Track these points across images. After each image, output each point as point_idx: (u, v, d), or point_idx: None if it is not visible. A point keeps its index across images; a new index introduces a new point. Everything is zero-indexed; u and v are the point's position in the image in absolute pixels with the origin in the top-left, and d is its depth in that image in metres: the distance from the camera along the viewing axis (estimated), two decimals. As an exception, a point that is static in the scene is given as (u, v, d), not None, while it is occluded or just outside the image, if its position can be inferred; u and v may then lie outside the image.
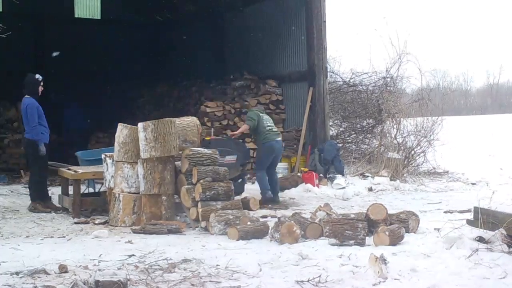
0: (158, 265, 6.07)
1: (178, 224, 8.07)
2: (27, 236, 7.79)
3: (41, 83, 9.92)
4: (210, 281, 5.53)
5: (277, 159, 10.91)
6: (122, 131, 8.79)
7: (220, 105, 14.13)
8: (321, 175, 12.69)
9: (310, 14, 13.65)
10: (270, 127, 10.61)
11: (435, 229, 7.59)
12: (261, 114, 10.70)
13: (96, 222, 8.65)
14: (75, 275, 5.65)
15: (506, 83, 77.31)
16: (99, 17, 11.27)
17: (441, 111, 15.53)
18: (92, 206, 9.44)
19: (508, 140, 23.64)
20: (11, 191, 11.72)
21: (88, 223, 8.60)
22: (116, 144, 8.82)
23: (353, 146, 15.61)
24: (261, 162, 10.59)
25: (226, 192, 8.40)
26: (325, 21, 13.68)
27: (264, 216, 8.98)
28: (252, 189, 11.85)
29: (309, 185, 12.06)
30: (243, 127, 10.75)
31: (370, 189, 12.00)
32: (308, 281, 5.48)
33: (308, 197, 11.35)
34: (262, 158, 10.58)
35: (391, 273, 5.63)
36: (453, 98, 53.05)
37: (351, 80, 16.03)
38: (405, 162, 13.89)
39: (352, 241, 6.89)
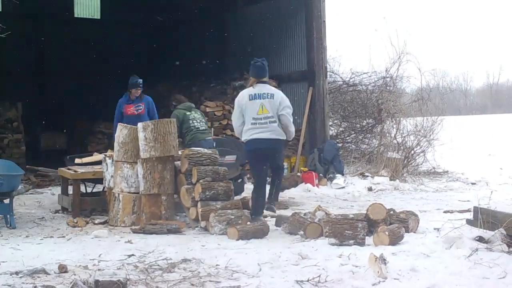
0: (158, 265, 6.07)
1: (177, 224, 8.07)
2: (26, 236, 7.78)
3: (137, 88, 10.79)
4: (209, 281, 5.53)
5: None
6: (121, 131, 8.79)
7: (220, 105, 14.12)
8: (320, 175, 12.69)
9: (310, 14, 13.65)
10: (197, 126, 10.05)
11: (434, 229, 7.59)
12: (187, 113, 10.09)
13: (96, 222, 8.65)
14: (75, 275, 5.65)
15: (505, 83, 77.41)
16: (99, 17, 11.28)
17: (440, 111, 15.50)
18: (92, 206, 9.43)
19: (507, 140, 23.65)
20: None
21: (78, 226, 8.48)
22: (115, 144, 8.82)
23: (353, 146, 15.61)
24: None
25: (226, 192, 8.39)
26: (324, 21, 13.69)
27: (264, 216, 8.97)
28: (251, 189, 11.84)
29: (308, 185, 12.06)
30: None
31: (370, 189, 12.00)
32: (308, 281, 5.48)
33: (308, 197, 11.35)
34: None
35: (390, 273, 5.63)
36: (453, 98, 53.04)
37: (351, 80, 16.03)
38: (405, 162, 13.89)
39: (352, 241, 6.89)
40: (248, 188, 11.55)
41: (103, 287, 5.16)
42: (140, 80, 10.88)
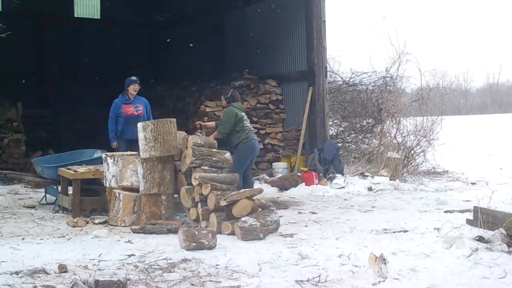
0: (158, 265, 6.07)
1: (177, 223, 8.07)
2: (26, 236, 7.77)
3: (135, 84, 10.92)
4: (209, 280, 5.53)
5: (254, 161, 10.49)
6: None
7: (220, 104, 14.09)
8: (321, 174, 12.70)
9: (310, 13, 13.65)
10: (249, 127, 10.12)
11: (434, 228, 7.59)
12: (241, 113, 10.10)
13: (96, 221, 8.65)
14: (75, 274, 5.65)
15: (505, 82, 77.38)
16: (98, 17, 11.29)
17: (440, 110, 15.51)
18: (92, 206, 9.43)
19: (507, 140, 23.65)
20: (10, 191, 11.71)
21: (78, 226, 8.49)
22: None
23: (353, 146, 15.61)
24: (241, 163, 9.69)
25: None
26: (324, 21, 13.68)
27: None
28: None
29: (310, 185, 12.10)
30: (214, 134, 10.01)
31: (370, 189, 12.00)
32: (308, 280, 5.48)
33: (308, 197, 11.35)
34: (243, 159, 9.78)
35: (390, 272, 5.64)
36: (453, 98, 53.07)
37: (351, 80, 16.04)
38: (405, 161, 13.89)
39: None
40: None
41: (103, 287, 5.16)
42: (137, 78, 10.98)
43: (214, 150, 8.64)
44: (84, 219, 8.75)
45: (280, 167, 13.51)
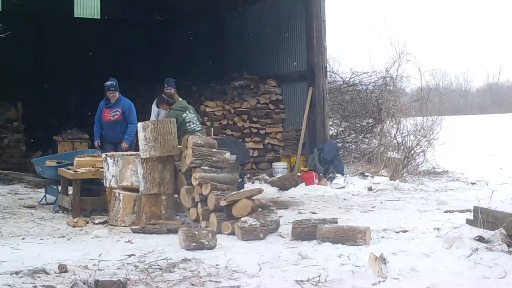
0: (158, 265, 6.07)
1: (177, 223, 8.08)
2: (26, 236, 7.78)
3: (108, 91, 10.48)
4: (209, 280, 5.53)
5: None
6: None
7: (219, 104, 14.14)
8: (320, 174, 12.70)
9: (310, 14, 13.66)
10: (194, 128, 10.06)
11: (434, 228, 7.59)
12: (183, 115, 10.04)
13: (96, 222, 8.65)
14: (75, 274, 5.65)
15: (505, 82, 77.32)
16: (98, 17, 11.32)
17: (440, 110, 15.51)
18: (92, 206, 9.43)
19: (507, 140, 23.64)
20: (10, 191, 11.70)
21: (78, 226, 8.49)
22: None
23: (353, 146, 15.61)
24: None
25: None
26: (324, 21, 13.69)
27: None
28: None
29: (310, 185, 12.10)
30: None
31: (370, 189, 12.00)
32: (308, 280, 5.48)
33: (308, 197, 11.35)
34: None
35: (390, 272, 5.63)
36: (453, 98, 53.02)
37: (351, 80, 16.03)
38: (405, 161, 13.89)
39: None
40: (249, 188, 11.57)
41: (103, 287, 5.16)
42: (111, 83, 10.52)
43: (214, 150, 8.64)
44: (84, 219, 8.75)
45: (280, 167, 13.51)
